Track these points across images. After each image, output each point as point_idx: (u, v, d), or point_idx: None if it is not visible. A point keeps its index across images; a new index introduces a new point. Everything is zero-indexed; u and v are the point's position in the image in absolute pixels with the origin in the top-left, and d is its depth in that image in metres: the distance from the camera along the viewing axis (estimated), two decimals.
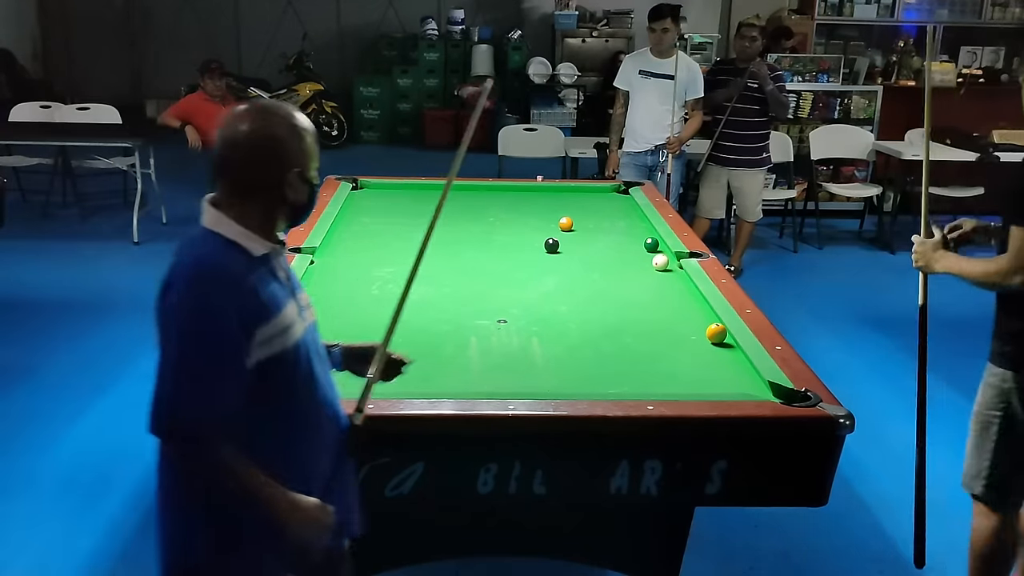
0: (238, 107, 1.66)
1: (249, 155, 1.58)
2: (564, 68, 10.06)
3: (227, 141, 1.59)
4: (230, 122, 1.60)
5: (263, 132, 1.58)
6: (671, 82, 5.28)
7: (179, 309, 1.49)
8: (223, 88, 6.81)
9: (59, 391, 4.00)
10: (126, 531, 3.02)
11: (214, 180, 1.61)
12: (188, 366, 1.47)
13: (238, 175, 1.58)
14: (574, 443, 1.99)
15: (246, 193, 1.58)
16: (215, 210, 1.59)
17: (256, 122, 1.59)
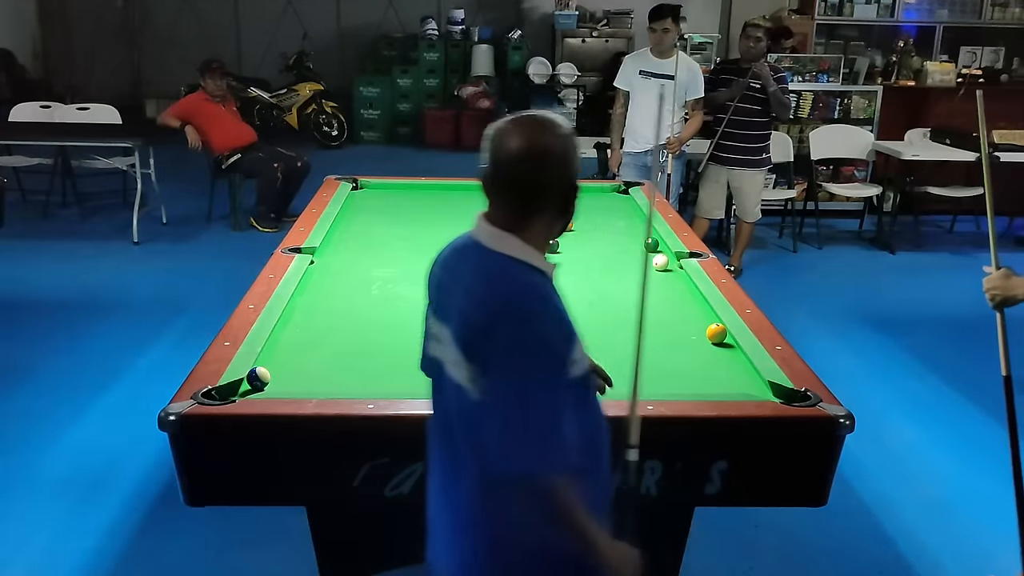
0: (510, 119, 1.55)
1: (541, 170, 1.48)
2: (564, 68, 10.06)
3: (515, 155, 1.48)
4: (512, 134, 1.50)
5: (553, 145, 1.49)
6: (671, 82, 5.29)
7: (521, 345, 1.40)
8: (224, 88, 6.81)
9: (59, 391, 4.00)
10: (126, 531, 3.02)
11: (493, 196, 1.53)
12: (539, 402, 1.39)
13: (528, 191, 1.49)
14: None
15: (535, 210, 1.51)
16: (498, 230, 1.51)
17: (544, 135, 1.49)
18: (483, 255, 1.51)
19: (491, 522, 1.52)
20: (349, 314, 2.64)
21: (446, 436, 1.59)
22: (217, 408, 1.94)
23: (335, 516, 2.21)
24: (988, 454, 3.68)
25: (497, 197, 1.52)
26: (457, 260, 1.58)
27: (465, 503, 1.54)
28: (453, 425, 1.55)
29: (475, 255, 1.53)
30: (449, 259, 1.61)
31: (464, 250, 1.57)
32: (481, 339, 1.43)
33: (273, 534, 2.91)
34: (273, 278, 2.77)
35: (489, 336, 1.42)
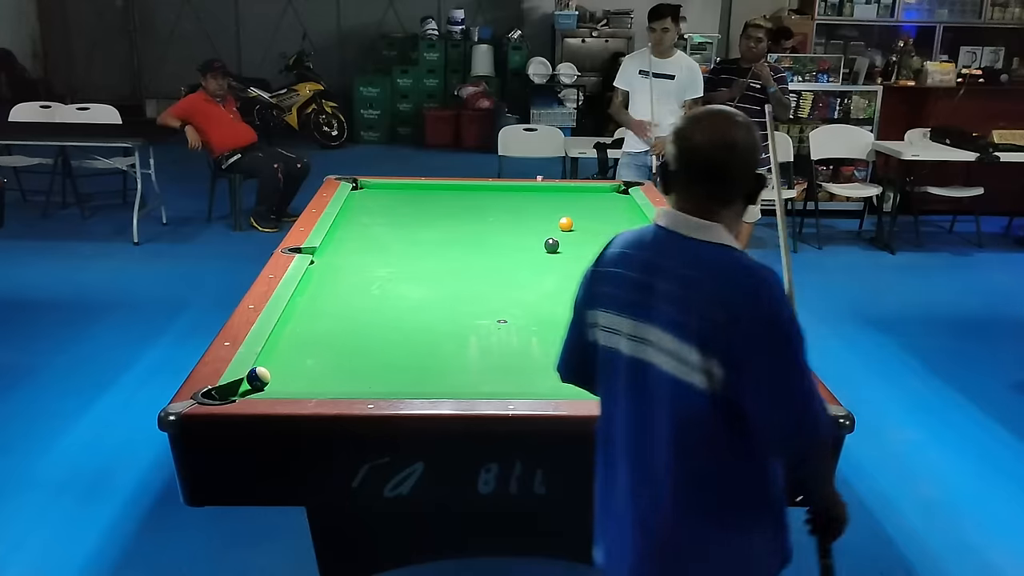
0: (698, 114, 1.62)
1: (741, 161, 1.55)
2: (564, 68, 10.07)
3: (716, 146, 1.54)
4: (709, 128, 1.55)
5: (747, 137, 1.56)
6: (671, 82, 5.29)
7: (786, 324, 1.50)
8: (224, 88, 6.81)
9: (59, 391, 4.00)
10: (126, 531, 3.02)
11: (688, 188, 1.56)
12: (806, 371, 1.49)
13: (727, 181, 1.55)
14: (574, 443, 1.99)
15: (731, 199, 1.57)
16: (703, 220, 1.55)
17: (738, 128, 1.56)
18: (697, 247, 1.54)
19: (702, 512, 1.56)
20: (349, 314, 2.64)
21: (644, 434, 1.58)
22: (217, 408, 1.94)
23: (335, 516, 2.22)
24: (988, 453, 3.69)
25: (695, 188, 1.56)
26: (655, 255, 1.57)
27: (670, 498, 1.55)
28: (660, 421, 1.55)
29: (684, 247, 1.54)
30: (639, 255, 1.60)
31: (661, 244, 1.58)
32: (727, 330, 1.46)
33: (273, 534, 2.91)
34: (273, 278, 2.78)
35: (738, 326, 1.45)
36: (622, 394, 1.61)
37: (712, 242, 1.54)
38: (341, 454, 1.97)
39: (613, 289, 1.62)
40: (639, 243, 1.62)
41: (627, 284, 1.59)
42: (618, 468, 1.63)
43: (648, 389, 1.56)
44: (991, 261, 6.56)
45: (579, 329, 1.71)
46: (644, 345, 1.56)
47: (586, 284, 1.69)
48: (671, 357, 1.51)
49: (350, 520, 2.25)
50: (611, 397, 1.64)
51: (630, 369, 1.59)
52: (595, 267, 1.68)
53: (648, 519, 1.58)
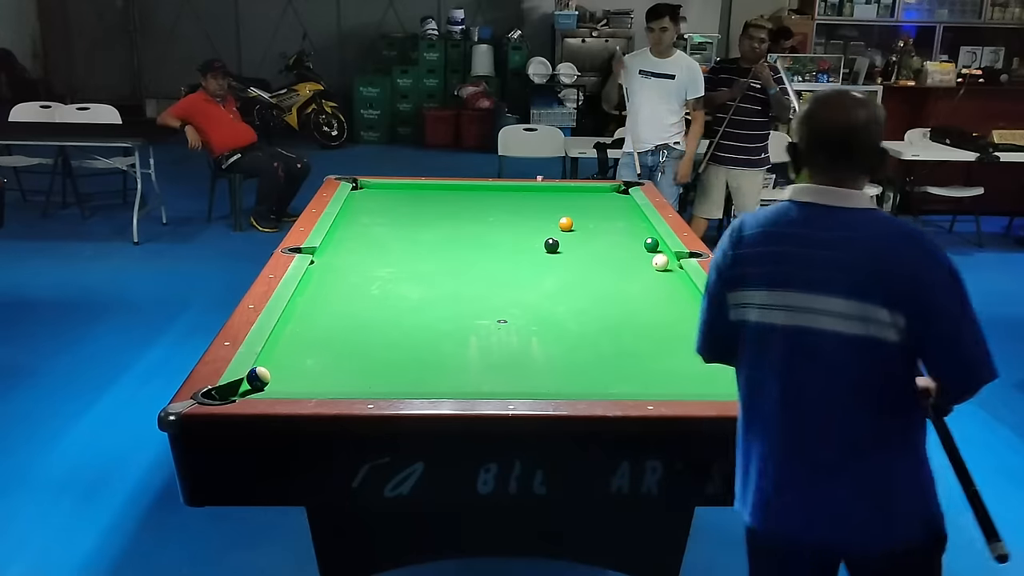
0: (831, 94, 1.74)
1: (871, 136, 1.69)
2: (564, 68, 10.06)
3: (867, 123, 1.67)
4: (846, 106, 1.68)
5: (876, 115, 1.70)
6: (672, 81, 5.29)
7: (953, 279, 1.62)
8: (225, 88, 6.81)
9: (59, 391, 4.00)
10: (126, 531, 3.02)
11: (828, 161, 1.69)
12: (976, 320, 1.64)
13: (860, 156, 1.69)
14: (574, 443, 1.99)
15: (861, 174, 1.71)
16: (848, 189, 1.69)
17: (868, 106, 1.69)
18: (850, 214, 1.67)
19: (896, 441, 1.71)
20: (349, 314, 2.64)
21: (816, 398, 1.68)
22: (217, 408, 1.94)
23: (335, 516, 2.22)
24: (989, 454, 3.69)
25: (837, 163, 1.69)
26: (807, 228, 1.68)
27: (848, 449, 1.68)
28: (835, 383, 1.66)
29: (836, 217, 1.67)
30: (788, 231, 1.71)
31: (810, 218, 1.69)
32: (909, 284, 1.60)
33: (273, 534, 2.91)
34: (273, 278, 2.77)
35: (919, 279, 1.60)
36: (779, 365, 1.70)
37: (863, 208, 1.68)
38: (341, 454, 1.97)
39: (762, 267, 1.71)
40: (782, 221, 1.72)
41: (781, 259, 1.69)
42: (774, 431, 1.73)
43: (818, 355, 1.66)
44: (991, 261, 6.56)
45: (719, 311, 1.79)
46: (811, 314, 1.66)
47: (724, 268, 1.77)
48: (852, 320, 1.63)
49: (350, 520, 2.25)
50: (764, 369, 1.73)
51: (790, 340, 1.69)
52: (733, 250, 1.76)
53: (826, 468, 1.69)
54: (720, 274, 1.79)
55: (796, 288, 1.67)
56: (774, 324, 1.70)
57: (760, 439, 1.76)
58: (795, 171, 1.76)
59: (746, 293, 1.73)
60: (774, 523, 1.76)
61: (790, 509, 1.74)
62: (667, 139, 5.43)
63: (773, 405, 1.72)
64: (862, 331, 1.63)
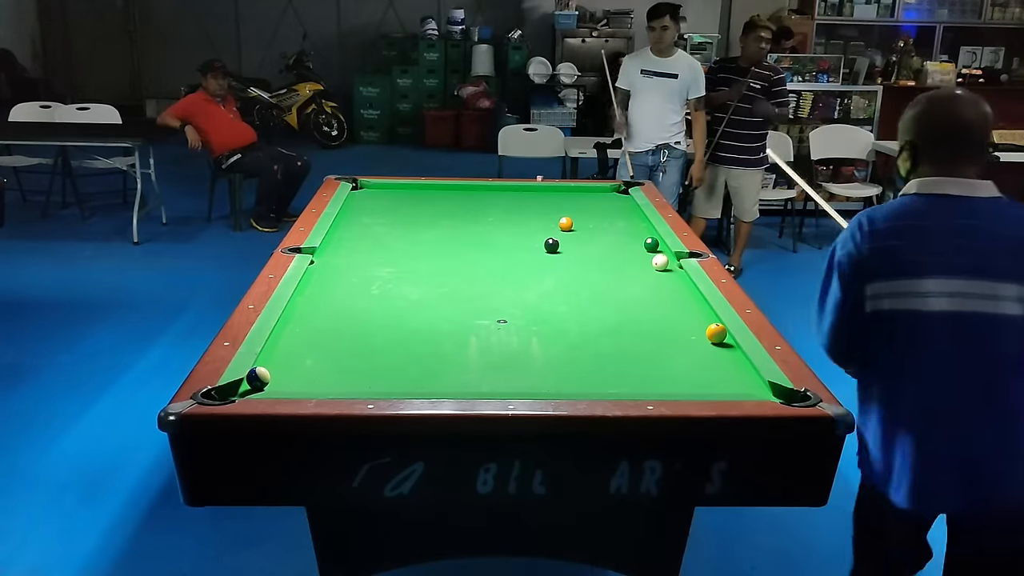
0: (957, 95, 1.92)
1: (988, 132, 1.91)
2: (564, 68, 10.07)
3: (984, 119, 1.89)
4: (976, 105, 1.88)
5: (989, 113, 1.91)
6: (674, 81, 5.30)
7: None
8: (225, 88, 6.82)
9: (59, 391, 4.00)
10: (126, 531, 3.02)
11: (966, 155, 1.87)
12: None
13: (983, 149, 1.91)
14: (574, 443, 1.99)
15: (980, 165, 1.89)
16: (982, 181, 1.86)
17: (984, 104, 1.89)
18: (990, 203, 1.85)
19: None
20: (349, 314, 2.64)
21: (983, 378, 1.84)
22: (217, 408, 1.94)
23: (335, 516, 2.22)
24: None
25: (971, 157, 1.88)
26: (951, 218, 1.84)
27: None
28: (1002, 362, 1.83)
29: (976, 206, 1.85)
30: (928, 223, 1.87)
31: (949, 208, 1.86)
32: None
33: (273, 534, 2.91)
34: (273, 278, 2.77)
35: None
36: (934, 350, 1.84)
37: (997, 196, 1.85)
38: (341, 454, 1.96)
39: (902, 257, 1.86)
40: (917, 213, 1.89)
41: (925, 249, 1.84)
42: (937, 413, 1.87)
43: (980, 337, 1.81)
44: None
45: (855, 307, 1.93)
46: (973, 299, 1.80)
47: (862, 262, 1.92)
48: (1018, 302, 1.79)
49: (350, 520, 2.25)
50: (919, 355, 1.85)
51: (948, 325, 1.82)
52: (871, 244, 1.91)
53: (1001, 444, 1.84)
54: (857, 270, 1.92)
55: (959, 275, 1.80)
56: (934, 311, 1.82)
57: (918, 422, 1.87)
58: (912, 167, 1.93)
59: (887, 284, 1.87)
60: (927, 501, 1.91)
61: (949, 484, 1.87)
62: (668, 139, 5.43)
63: (934, 388, 1.84)
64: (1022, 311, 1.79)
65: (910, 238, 1.86)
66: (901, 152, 1.99)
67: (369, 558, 2.30)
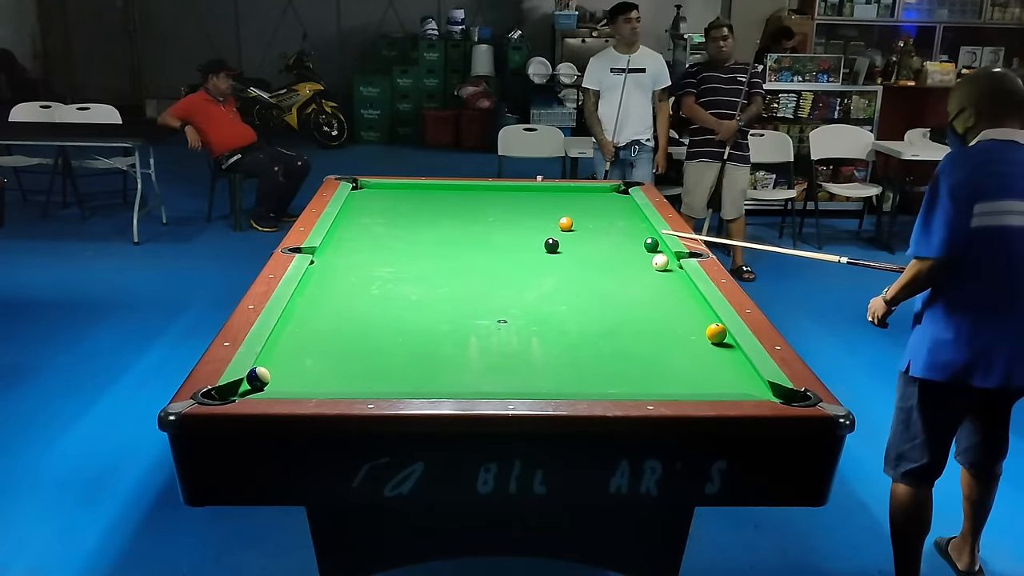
0: (1004, 68, 2.58)
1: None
2: (564, 68, 10.06)
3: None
4: (1017, 77, 2.52)
5: None
6: (643, 75, 5.56)
7: None
8: (231, 87, 6.83)
9: (59, 391, 4.00)
10: (126, 531, 3.02)
11: (1021, 114, 2.49)
12: None
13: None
14: (574, 443, 1.99)
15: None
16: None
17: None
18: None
19: None
20: (349, 314, 2.64)
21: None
22: (217, 408, 1.94)
23: (335, 516, 2.22)
24: None
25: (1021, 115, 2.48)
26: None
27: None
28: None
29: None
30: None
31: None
32: None
33: (273, 534, 2.91)
34: (273, 278, 2.77)
35: None
36: (1018, 256, 2.43)
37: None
38: (341, 454, 1.97)
39: (1001, 182, 2.42)
40: (1002, 151, 2.45)
41: (1017, 177, 2.42)
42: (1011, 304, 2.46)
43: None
44: None
45: (966, 220, 2.41)
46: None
47: (968, 185, 2.41)
48: None
49: (350, 520, 2.25)
50: (1008, 261, 2.44)
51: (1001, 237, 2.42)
52: (977, 171, 2.44)
53: None
54: (969, 191, 2.39)
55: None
56: (1017, 226, 2.40)
57: (1015, 311, 2.45)
58: (972, 126, 2.49)
59: (995, 203, 2.39)
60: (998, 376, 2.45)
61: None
62: (640, 135, 5.64)
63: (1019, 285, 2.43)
64: None
65: (1004, 167, 2.40)
66: (962, 112, 2.52)
67: (369, 558, 2.30)
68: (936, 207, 2.44)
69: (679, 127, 6.66)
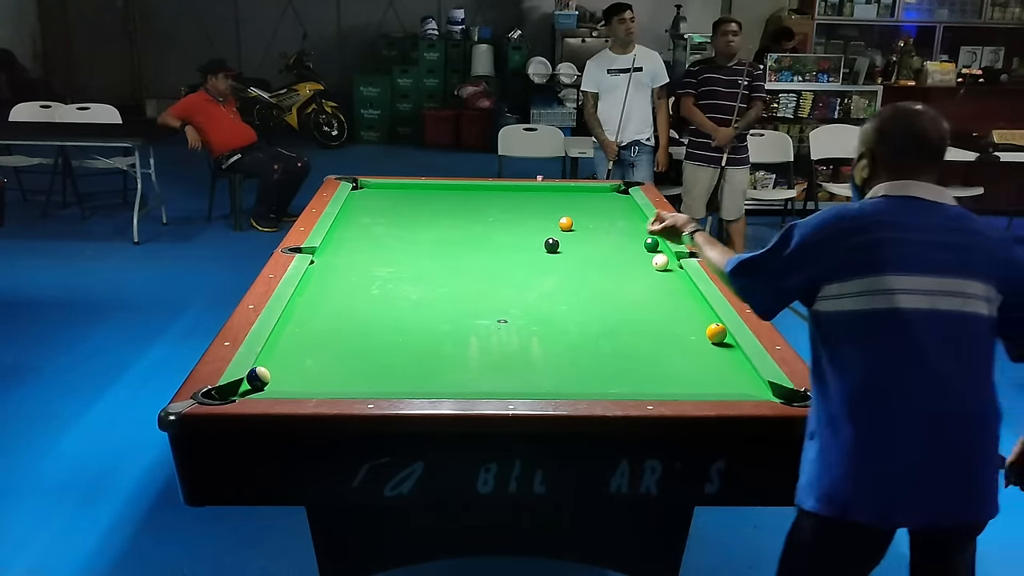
0: (921, 106, 2.04)
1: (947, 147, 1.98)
2: (564, 68, 10.05)
3: (943, 133, 1.98)
4: (937, 119, 2.00)
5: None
6: (641, 73, 5.55)
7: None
8: (230, 88, 6.83)
9: (59, 391, 4.00)
10: (126, 531, 3.02)
11: (930, 165, 1.94)
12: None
13: (942, 162, 1.97)
14: (574, 443, 1.99)
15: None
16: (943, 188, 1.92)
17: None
18: (952, 208, 1.90)
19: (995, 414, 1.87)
20: (349, 314, 2.65)
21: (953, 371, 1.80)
22: (217, 408, 1.94)
23: (335, 516, 2.22)
24: None
25: (934, 164, 1.95)
26: (925, 219, 1.86)
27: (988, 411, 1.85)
28: (962, 348, 1.81)
29: (941, 210, 1.88)
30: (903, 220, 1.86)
31: (918, 210, 1.88)
32: (1008, 268, 1.84)
33: (273, 534, 2.91)
34: (273, 278, 2.78)
35: (1013, 264, 1.85)
36: (915, 345, 1.77)
37: (956, 204, 1.90)
38: (341, 454, 1.97)
39: (883, 253, 1.81)
40: (891, 211, 1.88)
41: (906, 246, 1.81)
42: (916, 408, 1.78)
43: (954, 335, 1.80)
44: None
45: (799, 286, 1.94)
46: (949, 297, 1.79)
47: (830, 253, 1.87)
48: (981, 300, 1.80)
49: (350, 520, 2.25)
50: (896, 352, 1.78)
51: (927, 321, 1.78)
52: (850, 238, 1.86)
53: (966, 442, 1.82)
54: (828, 260, 1.87)
55: (931, 273, 1.79)
56: (914, 308, 1.78)
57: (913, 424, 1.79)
58: (870, 174, 1.99)
59: (874, 280, 1.80)
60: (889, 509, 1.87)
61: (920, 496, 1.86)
62: (640, 135, 5.64)
63: (923, 388, 1.78)
64: (987, 311, 1.81)
65: (894, 234, 1.83)
66: (860, 160, 2.04)
67: (369, 558, 2.31)
68: (778, 251, 1.99)
69: (679, 127, 6.66)
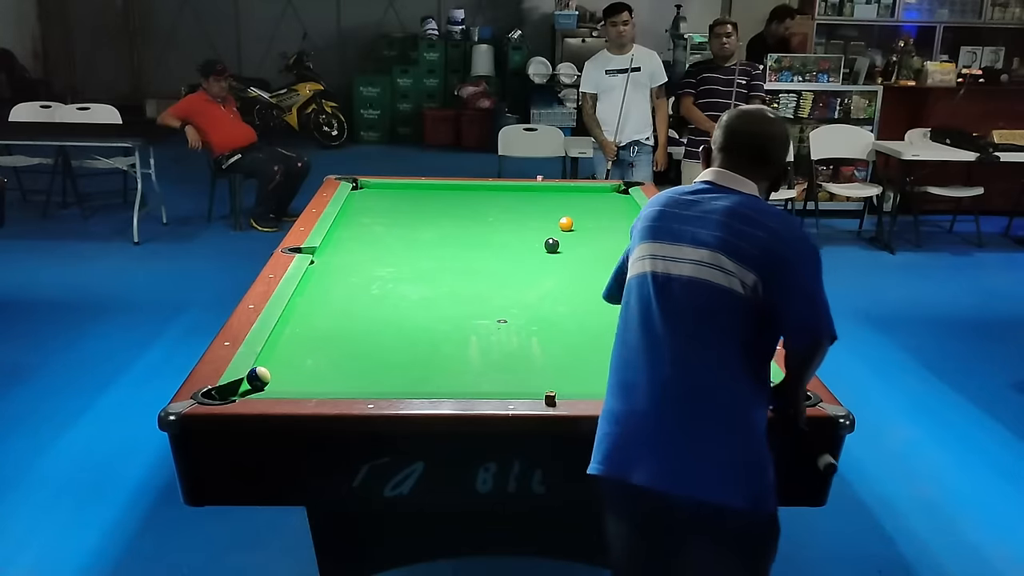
0: (754, 108, 2.07)
1: (771, 148, 1.97)
2: (564, 68, 10.05)
3: (768, 135, 1.97)
4: (763, 118, 2.00)
5: (781, 133, 2.00)
6: (639, 73, 5.53)
7: (813, 254, 1.86)
8: (226, 89, 6.82)
9: (59, 391, 4.00)
10: (126, 531, 3.02)
11: (732, 156, 1.95)
12: (822, 289, 1.83)
13: (761, 163, 1.95)
14: (574, 443, 1.99)
15: (759, 177, 1.95)
16: (741, 177, 1.94)
17: (776, 124, 2.00)
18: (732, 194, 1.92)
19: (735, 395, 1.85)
20: (349, 314, 2.65)
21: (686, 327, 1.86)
22: (217, 408, 1.95)
23: (335, 516, 2.22)
24: (987, 454, 3.69)
25: (737, 158, 1.96)
26: (703, 198, 1.94)
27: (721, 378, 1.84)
28: (701, 318, 1.84)
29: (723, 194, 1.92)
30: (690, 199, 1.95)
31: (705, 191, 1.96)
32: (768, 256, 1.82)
33: (273, 534, 2.91)
34: (273, 278, 2.78)
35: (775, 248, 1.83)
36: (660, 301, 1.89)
37: (744, 192, 1.91)
38: (341, 454, 1.97)
39: (650, 225, 1.95)
40: (688, 192, 1.97)
41: (670, 219, 1.93)
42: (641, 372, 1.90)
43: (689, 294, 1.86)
44: (991, 261, 6.56)
45: (621, 263, 2.09)
46: (687, 263, 1.85)
47: (633, 228, 2.03)
48: (721, 271, 1.83)
49: (350, 520, 2.25)
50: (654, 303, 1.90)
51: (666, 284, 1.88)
52: (653, 208, 1.99)
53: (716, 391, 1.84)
54: (632, 233, 2.04)
55: (687, 242, 1.87)
56: (647, 272, 1.92)
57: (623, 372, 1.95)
58: (705, 162, 2.03)
59: (640, 247, 1.97)
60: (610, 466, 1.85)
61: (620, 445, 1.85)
62: (640, 135, 5.62)
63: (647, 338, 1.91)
64: (720, 280, 1.82)
65: (679, 210, 1.94)
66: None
67: (369, 558, 2.31)
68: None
69: (678, 126, 6.66)
